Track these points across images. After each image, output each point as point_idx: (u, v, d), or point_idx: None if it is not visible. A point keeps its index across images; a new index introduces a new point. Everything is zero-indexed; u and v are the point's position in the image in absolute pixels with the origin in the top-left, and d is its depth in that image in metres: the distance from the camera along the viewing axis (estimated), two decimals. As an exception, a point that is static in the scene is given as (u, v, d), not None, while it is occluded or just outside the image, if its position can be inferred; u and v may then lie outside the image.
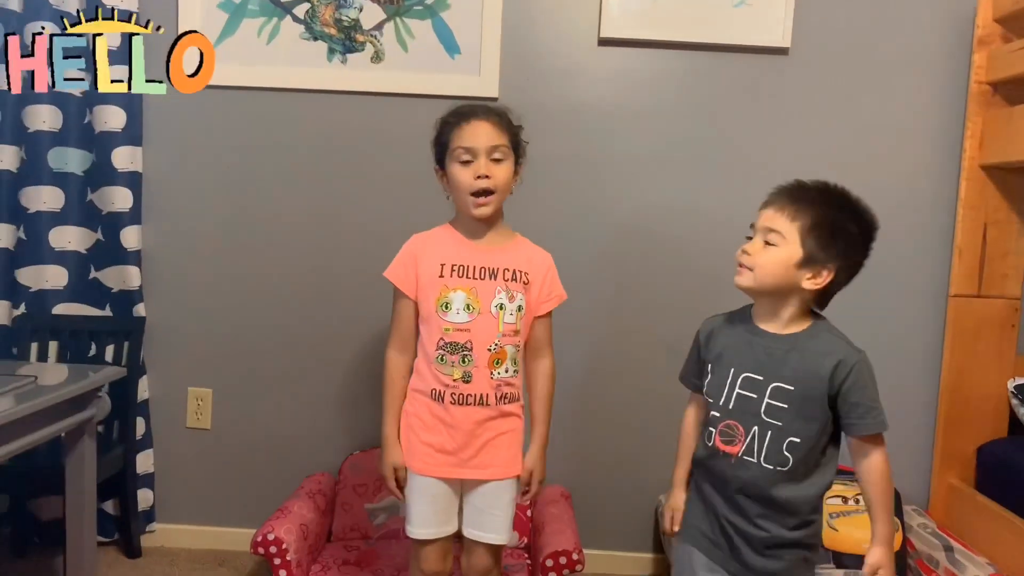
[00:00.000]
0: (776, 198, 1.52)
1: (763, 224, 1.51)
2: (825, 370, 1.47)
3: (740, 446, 1.51)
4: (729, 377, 1.54)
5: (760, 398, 1.50)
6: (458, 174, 1.69)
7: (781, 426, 1.48)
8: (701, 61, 2.42)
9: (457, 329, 1.68)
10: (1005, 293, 2.37)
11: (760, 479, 1.49)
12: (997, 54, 2.29)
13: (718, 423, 1.54)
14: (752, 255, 1.51)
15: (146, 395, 2.52)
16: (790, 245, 1.48)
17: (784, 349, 1.51)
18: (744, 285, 1.52)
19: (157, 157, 2.48)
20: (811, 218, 1.48)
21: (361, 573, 2.11)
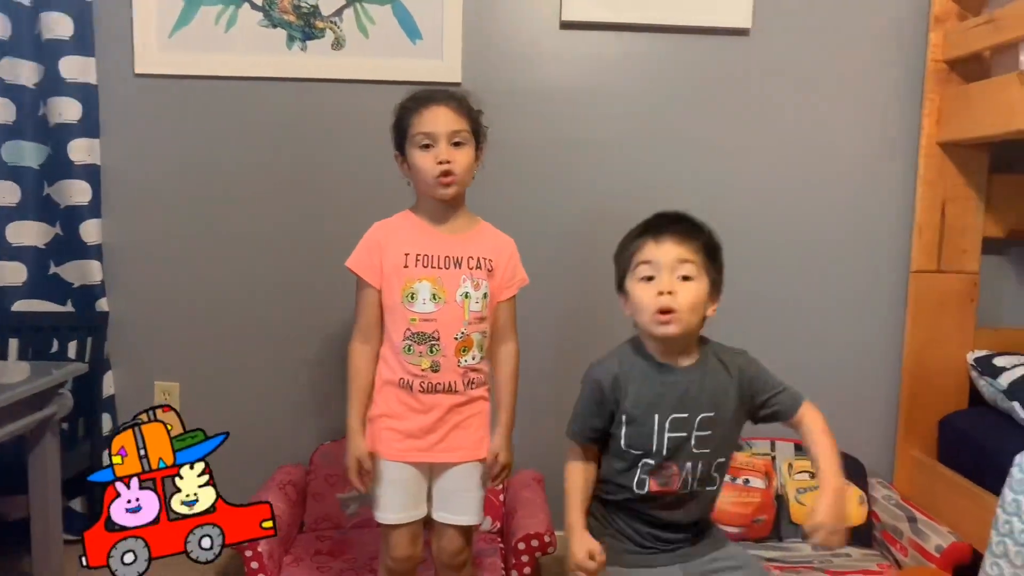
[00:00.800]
0: (665, 229, 1.48)
1: (672, 258, 1.45)
2: (732, 384, 1.51)
3: (677, 485, 1.50)
4: (656, 424, 1.49)
5: (689, 435, 1.50)
6: (419, 160, 1.68)
7: (709, 452, 1.51)
8: (663, 43, 2.43)
9: (423, 319, 1.68)
10: (964, 268, 2.42)
11: (694, 505, 1.54)
12: (953, 32, 2.32)
13: (650, 470, 1.50)
14: (677, 295, 1.43)
15: (111, 391, 2.49)
16: (701, 277, 1.46)
17: (697, 379, 1.51)
18: (674, 333, 1.45)
19: (115, 149, 2.44)
20: (703, 243, 1.48)
21: (334, 563, 2.11)
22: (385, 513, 1.74)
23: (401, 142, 1.72)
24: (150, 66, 2.40)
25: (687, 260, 1.44)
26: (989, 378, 2.26)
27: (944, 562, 2.03)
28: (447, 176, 1.67)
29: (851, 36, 2.44)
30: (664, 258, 1.45)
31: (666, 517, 1.54)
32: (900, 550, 2.19)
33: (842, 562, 2.18)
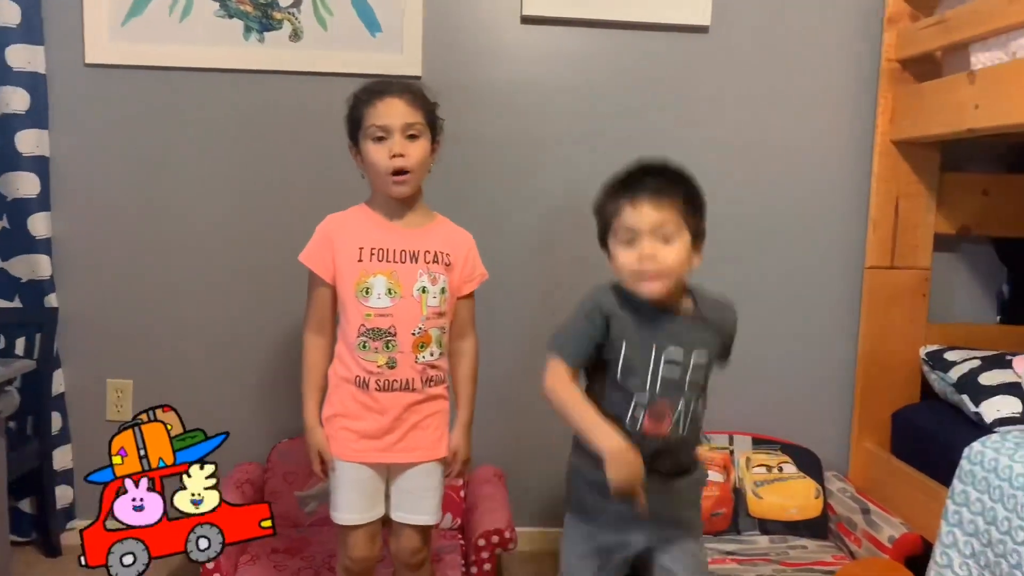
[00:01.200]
0: (642, 194, 1.45)
1: (650, 222, 1.44)
2: (730, 324, 1.57)
3: (668, 425, 1.48)
4: (652, 358, 1.47)
5: (685, 371, 1.49)
6: (372, 152, 1.65)
7: (698, 395, 1.53)
8: (624, 39, 2.44)
9: (379, 315, 1.66)
10: (916, 264, 2.47)
11: (680, 448, 1.53)
12: (905, 32, 2.37)
13: (645, 407, 1.47)
14: (657, 257, 1.44)
15: (62, 388, 2.43)
16: (682, 232, 1.45)
17: (689, 320, 1.52)
18: (660, 291, 1.46)
19: (65, 140, 2.38)
20: (680, 197, 1.46)
21: (291, 561, 2.09)
22: (342, 514, 1.71)
23: (355, 133, 1.69)
24: (101, 56, 2.35)
25: (665, 223, 1.44)
26: (940, 372, 2.31)
27: (896, 552, 2.07)
28: (400, 174, 1.65)
29: (808, 35, 2.47)
30: (642, 223, 1.44)
31: (651, 454, 1.45)
32: (854, 541, 2.23)
33: (798, 554, 2.22)
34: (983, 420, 2.04)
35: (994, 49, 1.97)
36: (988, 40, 1.99)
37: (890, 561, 2.04)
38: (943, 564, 1.88)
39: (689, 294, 1.55)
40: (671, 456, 1.52)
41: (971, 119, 2.00)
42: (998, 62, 1.95)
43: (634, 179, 1.50)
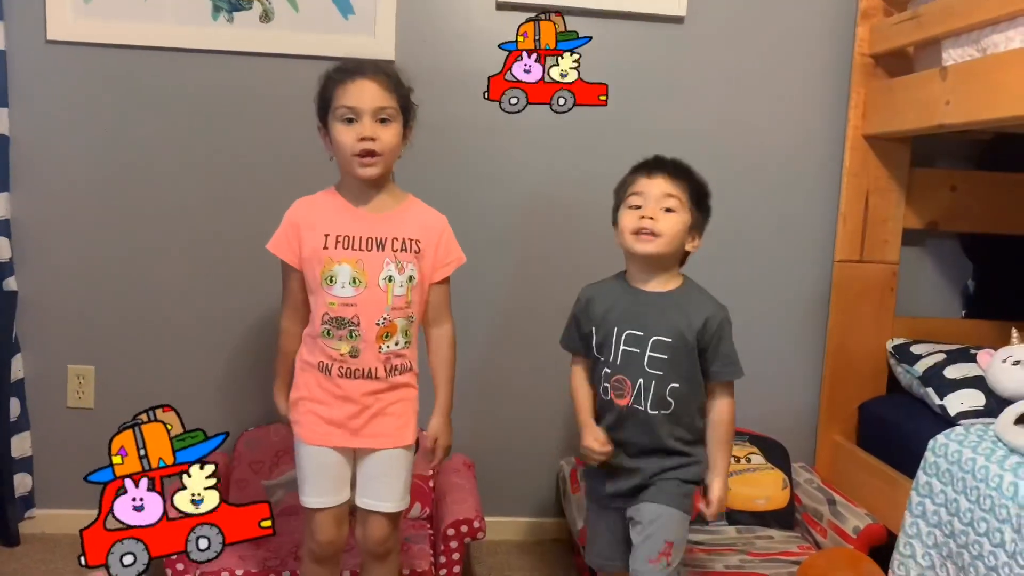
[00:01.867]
0: (660, 169, 1.67)
1: (659, 191, 1.65)
2: (697, 324, 1.65)
3: (629, 398, 1.65)
4: (614, 336, 1.68)
5: (642, 352, 1.65)
6: (340, 134, 1.62)
7: (662, 375, 1.64)
8: (599, 28, 2.39)
9: (343, 304, 1.63)
10: (885, 258, 2.49)
11: (647, 424, 1.65)
12: (879, 27, 2.38)
13: (610, 379, 1.67)
14: (658, 221, 1.62)
15: (21, 374, 2.37)
16: (684, 212, 1.65)
17: (661, 306, 1.67)
18: (652, 251, 1.64)
19: (25, 119, 2.31)
20: (690, 187, 1.67)
21: (258, 551, 2.06)
22: (308, 497, 1.70)
23: (324, 114, 1.66)
24: (63, 33, 2.28)
25: (672, 195, 1.63)
26: (906, 365, 2.34)
27: (861, 543, 2.09)
28: (368, 156, 1.61)
29: (782, 28, 2.48)
30: (652, 191, 1.64)
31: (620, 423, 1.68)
32: (820, 532, 2.25)
33: (764, 544, 2.23)
34: (947, 413, 2.06)
35: (966, 45, 1.99)
36: (960, 36, 2.01)
37: (855, 551, 2.06)
38: (906, 554, 1.90)
39: (680, 280, 1.71)
40: (642, 429, 1.66)
41: (942, 115, 2.02)
42: (970, 58, 1.97)
43: (654, 162, 1.70)
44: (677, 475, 1.67)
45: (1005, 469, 1.67)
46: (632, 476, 1.69)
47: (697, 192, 1.69)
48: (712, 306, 1.68)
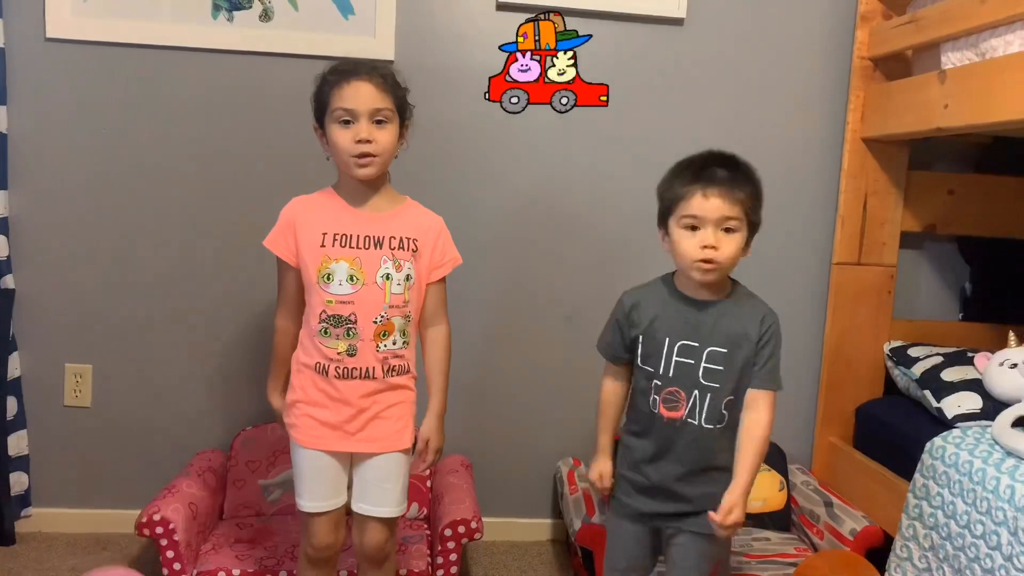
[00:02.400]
0: (715, 185, 1.52)
1: (718, 215, 1.52)
2: (754, 330, 1.57)
3: (683, 411, 1.57)
4: (665, 347, 1.58)
5: (697, 363, 1.57)
6: (337, 136, 1.61)
7: (718, 387, 1.56)
8: (599, 29, 2.42)
9: (340, 301, 1.63)
10: (883, 261, 2.49)
11: (701, 439, 1.58)
12: (878, 30, 2.38)
13: (661, 391, 1.59)
14: (720, 249, 1.52)
15: (18, 372, 2.36)
16: (744, 226, 1.55)
17: (714, 315, 1.58)
18: (712, 280, 1.56)
19: (23, 117, 2.31)
20: (747, 192, 1.54)
21: (254, 550, 2.05)
22: (305, 501, 1.69)
23: (321, 115, 1.65)
24: (63, 30, 2.28)
25: (731, 217, 1.52)
26: (904, 368, 2.34)
27: (857, 545, 2.09)
28: (365, 157, 1.61)
29: (782, 31, 2.48)
30: (711, 214, 1.52)
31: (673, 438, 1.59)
32: (817, 534, 2.25)
33: (761, 546, 2.24)
34: (945, 416, 2.07)
35: (964, 49, 1.99)
36: (958, 40, 2.01)
37: (851, 553, 2.06)
38: (903, 557, 1.90)
39: (730, 286, 1.63)
40: (695, 445, 1.58)
41: (940, 118, 2.02)
42: (968, 62, 1.97)
43: (707, 169, 1.55)
44: None
45: (1002, 472, 1.67)
46: (678, 501, 1.61)
47: (755, 197, 1.57)
48: (764, 309, 1.61)
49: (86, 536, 2.40)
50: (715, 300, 1.60)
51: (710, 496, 1.58)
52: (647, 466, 1.63)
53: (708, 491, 1.59)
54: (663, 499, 1.62)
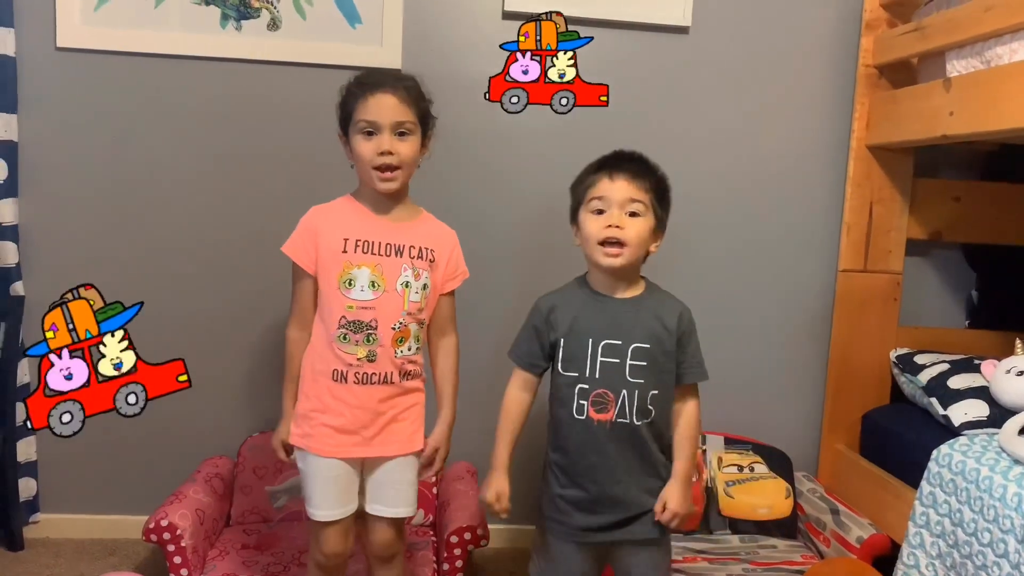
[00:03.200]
0: (622, 170, 1.58)
1: (623, 195, 1.55)
2: (671, 323, 1.59)
3: (613, 411, 1.56)
4: (589, 347, 1.57)
5: (623, 362, 1.57)
6: (360, 147, 1.63)
7: (643, 383, 1.57)
8: (604, 38, 2.42)
9: (361, 307, 1.64)
10: (889, 268, 2.49)
11: (633, 437, 1.57)
12: (883, 38, 2.39)
13: (588, 394, 1.57)
14: (625, 229, 1.54)
15: (27, 379, 2.38)
16: (648, 213, 1.57)
17: (632, 311, 1.59)
18: (621, 265, 1.57)
19: (34, 125, 2.33)
20: (652, 184, 1.58)
21: (261, 556, 2.06)
22: (318, 510, 1.69)
23: (346, 125, 1.67)
24: (73, 40, 2.30)
25: (637, 199, 1.55)
26: (910, 375, 2.34)
27: (864, 553, 2.09)
28: (387, 171, 1.63)
29: (786, 39, 2.49)
30: (616, 195, 1.55)
31: (604, 441, 1.57)
32: (823, 541, 2.25)
33: (767, 553, 2.23)
34: (951, 423, 2.06)
35: (969, 57, 2.00)
36: (964, 48, 2.02)
37: (858, 561, 2.06)
38: (910, 564, 1.90)
39: (643, 284, 1.64)
40: (628, 444, 1.58)
41: (946, 126, 2.03)
42: (973, 70, 1.98)
43: (614, 160, 1.61)
44: None
45: (1009, 480, 1.67)
46: (616, 508, 1.59)
47: (659, 190, 1.60)
48: (679, 304, 1.63)
49: (94, 542, 2.41)
50: (631, 296, 1.61)
51: (648, 494, 1.60)
52: (583, 477, 1.60)
53: (647, 487, 1.60)
54: (605, 510, 1.60)
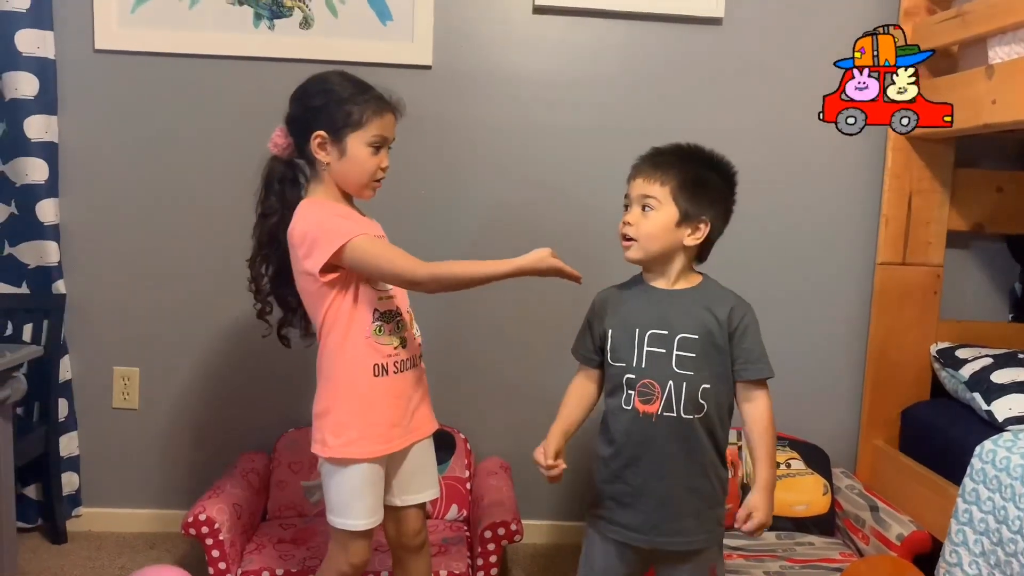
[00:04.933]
0: (641, 167, 1.59)
1: (637, 193, 1.57)
2: (722, 315, 1.55)
3: (658, 403, 1.54)
4: (636, 336, 1.56)
5: (669, 352, 1.54)
6: (366, 158, 1.63)
7: (693, 375, 1.53)
8: (636, 30, 2.42)
9: (387, 296, 1.67)
10: (928, 261, 2.44)
11: (680, 431, 1.53)
12: (922, 26, 2.34)
13: (635, 384, 1.55)
14: (634, 224, 1.56)
15: (69, 375, 2.43)
16: (665, 207, 1.55)
17: (682, 303, 1.57)
18: (634, 258, 1.58)
19: (74, 126, 2.37)
20: (677, 177, 1.56)
21: (296, 550, 2.08)
22: (360, 520, 1.65)
23: (342, 126, 1.62)
24: (111, 42, 2.34)
25: (648, 195, 1.55)
26: (951, 370, 2.29)
27: (904, 550, 2.05)
28: (379, 183, 1.68)
29: (822, 28, 2.44)
30: (633, 191, 1.59)
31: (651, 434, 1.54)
32: (862, 538, 2.21)
33: (805, 550, 2.20)
34: (995, 418, 2.02)
35: (1013, 43, 1.95)
36: (1006, 34, 1.97)
37: (899, 559, 2.02)
38: (952, 562, 1.86)
39: (699, 278, 1.62)
40: (674, 437, 1.53)
41: (988, 114, 1.98)
42: (1017, 56, 1.93)
43: (641, 158, 1.62)
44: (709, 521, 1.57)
45: (1055, 476, 1.63)
46: (657, 506, 1.55)
47: (687, 182, 1.55)
48: (734, 298, 1.58)
49: (134, 535, 2.45)
50: (681, 288, 1.59)
51: (694, 494, 1.55)
52: (626, 470, 1.57)
53: (693, 486, 1.55)
54: (645, 507, 1.56)
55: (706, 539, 1.58)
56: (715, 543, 1.61)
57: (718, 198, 1.58)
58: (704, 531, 1.57)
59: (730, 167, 1.61)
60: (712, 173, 1.58)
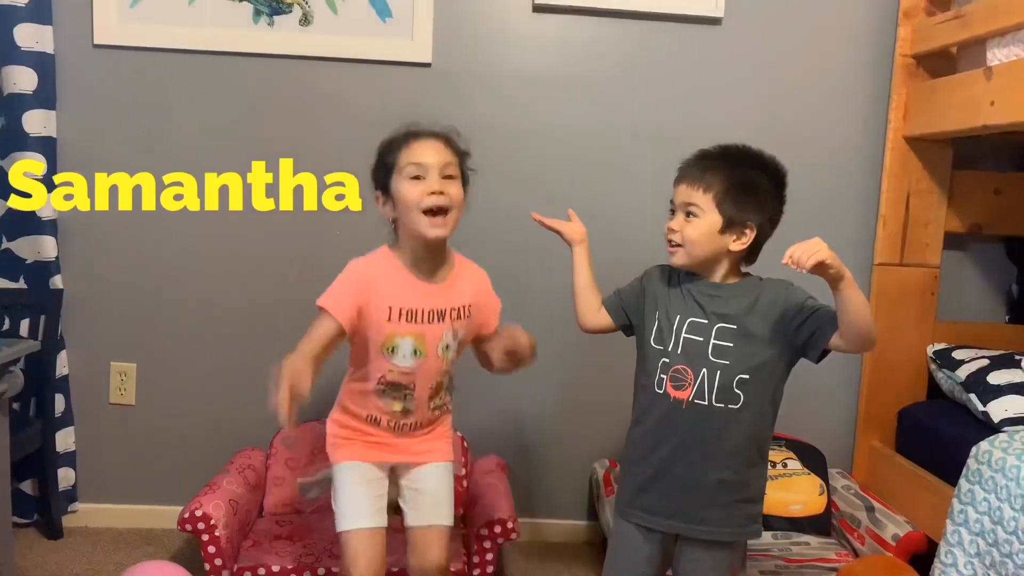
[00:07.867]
0: (686, 173, 1.58)
1: (680, 200, 1.57)
2: (763, 305, 1.54)
3: (690, 390, 1.53)
4: (675, 324, 1.57)
5: (706, 340, 1.54)
6: (408, 191, 1.57)
7: (729, 364, 1.52)
8: (636, 29, 2.42)
9: (401, 372, 1.64)
10: (926, 262, 2.45)
11: (709, 420, 1.52)
12: (921, 27, 2.34)
13: (669, 369, 1.55)
14: (678, 231, 1.56)
15: (65, 371, 2.43)
16: (709, 214, 1.54)
17: (725, 295, 1.57)
18: (680, 263, 1.59)
19: (73, 121, 2.37)
20: (721, 184, 1.54)
21: (293, 547, 2.08)
22: (350, 519, 1.64)
23: (386, 179, 1.61)
24: (110, 37, 2.34)
25: (691, 203, 1.55)
26: (948, 371, 2.30)
27: (900, 551, 2.06)
28: (438, 213, 1.57)
29: (821, 29, 2.45)
30: (678, 199, 1.59)
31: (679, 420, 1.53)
32: (858, 539, 2.22)
33: (800, 550, 2.21)
34: (991, 419, 2.02)
35: (1012, 45, 1.95)
36: (1006, 35, 1.97)
37: (894, 559, 2.03)
38: (948, 563, 1.87)
39: (749, 277, 1.61)
40: (703, 427, 1.52)
41: (986, 116, 1.98)
42: (1015, 58, 1.93)
43: (690, 160, 1.60)
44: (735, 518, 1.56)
45: (1051, 477, 1.63)
46: (680, 492, 1.54)
47: (728, 188, 1.53)
48: (774, 285, 1.57)
49: (131, 531, 2.45)
50: (729, 283, 1.59)
51: (719, 485, 1.54)
52: (652, 453, 1.57)
53: (720, 478, 1.53)
54: (668, 491, 1.56)
55: (732, 533, 1.57)
56: (743, 540, 1.61)
57: (765, 201, 1.56)
58: (733, 525, 1.56)
59: (779, 167, 1.59)
60: (760, 175, 1.57)
